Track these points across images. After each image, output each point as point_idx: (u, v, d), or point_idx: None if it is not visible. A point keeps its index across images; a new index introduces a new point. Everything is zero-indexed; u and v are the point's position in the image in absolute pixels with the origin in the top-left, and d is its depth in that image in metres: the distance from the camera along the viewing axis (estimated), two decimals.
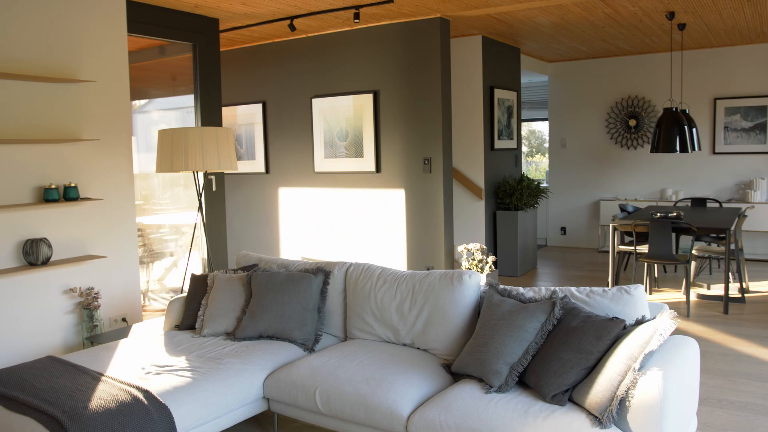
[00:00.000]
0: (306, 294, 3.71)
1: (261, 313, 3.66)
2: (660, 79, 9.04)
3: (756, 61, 8.46)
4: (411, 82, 6.42)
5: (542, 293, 3.17)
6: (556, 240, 10.07)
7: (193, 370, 3.18)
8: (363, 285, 3.70)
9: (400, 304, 3.53)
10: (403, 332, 3.51)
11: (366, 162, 6.75)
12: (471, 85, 7.39)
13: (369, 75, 6.66)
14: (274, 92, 7.37)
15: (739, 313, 5.89)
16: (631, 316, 2.97)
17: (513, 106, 8.12)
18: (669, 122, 6.40)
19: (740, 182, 8.70)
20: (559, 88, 9.78)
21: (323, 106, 6.95)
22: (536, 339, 2.91)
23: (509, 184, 7.72)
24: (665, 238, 5.77)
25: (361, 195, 6.86)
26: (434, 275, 3.50)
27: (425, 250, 6.55)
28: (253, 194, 7.72)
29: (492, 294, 3.22)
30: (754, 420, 3.65)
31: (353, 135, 6.78)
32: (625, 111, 9.29)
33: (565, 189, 9.89)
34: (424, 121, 6.38)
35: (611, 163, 9.51)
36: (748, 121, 8.56)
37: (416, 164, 6.48)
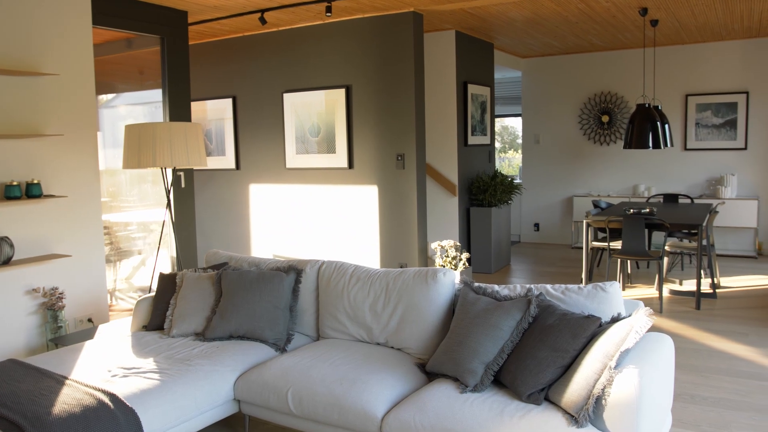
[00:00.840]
0: (277, 293, 3.63)
1: (231, 313, 3.58)
2: (632, 75, 9.10)
3: (726, 57, 8.55)
4: (384, 77, 6.35)
5: (517, 291, 3.13)
6: (530, 236, 10.09)
7: (162, 372, 3.09)
8: (336, 283, 3.63)
9: (373, 302, 3.47)
10: (377, 331, 3.45)
11: (338, 158, 6.67)
12: (444, 81, 7.35)
13: (341, 70, 6.58)
14: (245, 87, 7.25)
15: (710, 309, 5.94)
16: (606, 314, 2.95)
17: (487, 102, 8.10)
18: (642, 118, 6.42)
19: (711, 178, 8.79)
20: (533, 84, 9.79)
21: (295, 101, 6.85)
22: (512, 337, 2.87)
23: (483, 181, 7.70)
24: (638, 234, 5.79)
25: (334, 191, 6.79)
26: (408, 273, 3.44)
27: (398, 247, 6.49)
28: (224, 191, 7.59)
29: (467, 292, 3.18)
30: (727, 415, 3.66)
31: (325, 130, 6.70)
32: (597, 107, 9.33)
33: (538, 185, 9.91)
34: (397, 116, 6.33)
35: (584, 159, 9.55)
36: (718, 117, 8.65)
37: (389, 160, 6.42)
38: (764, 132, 8.47)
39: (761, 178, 8.55)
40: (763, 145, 8.50)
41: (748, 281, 7.01)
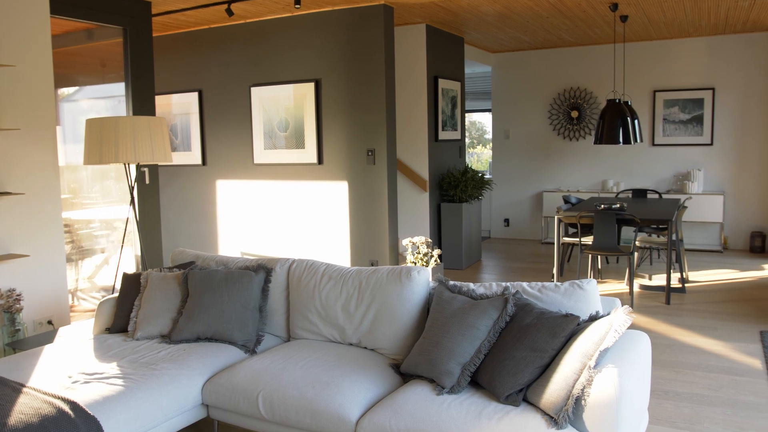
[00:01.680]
0: (246, 293, 3.51)
1: (198, 314, 3.45)
2: (602, 71, 9.13)
3: (693, 54, 8.63)
4: (354, 71, 6.25)
5: (493, 289, 3.07)
6: (500, 232, 10.09)
7: (125, 377, 2.95)
8: (307, 282, 3.53)
9: (346, 302, 3.38)
10: (350, 331, 3.36)
11: (307, 153, 6.55)
12: (415, 75, 7.27)
13: (310, 63, 6.46)
14: (211, 80, 7.09)
15: (680, 303, 5.97)
16: (584, 312, 2.90)
17: (457, 97, 8.05)
18: (612, 114, 6.42)
19: (678, 173, 8.88)
20: (502, 79, 9.77)
21: (262, 95, 6.71)
22: (488, 337, 2.80)
23: (454, 176, 7.65)
24: (609, 229, 5.79)
25: (303, 187, 6.67)
26: (381, 272, 3.36)
27: (369, 244, 6.41)
28: (190, 187, 7.41)
29: (442, 291, 3.10)
30: (701, 411, 3.65)
31: (294, 125, 6.57)
32: (567, 102, 9.35)
33: (508, 180, 9.91)
34: (367, 111, 6.23)
35: (554, 154, 9.57)
36: (685, 113, 8.73)
37: (359, 156, 6.33)
38: (730, 128, 8.57)
39: (726, 173, 8.66)
40: (728, 140, 8.60)
41: (715, 275, 7.08)
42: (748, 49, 8.37)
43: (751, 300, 6.05)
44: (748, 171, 8.56)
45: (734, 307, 5.79)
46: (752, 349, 4.70)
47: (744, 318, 5.46)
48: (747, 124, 8.49)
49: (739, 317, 5.49)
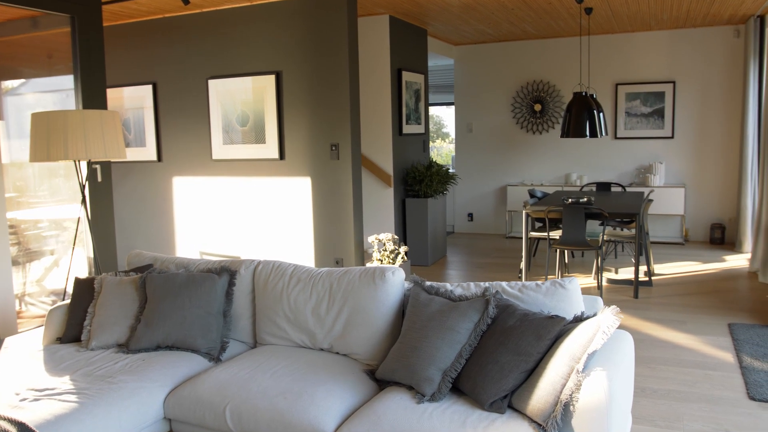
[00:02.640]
0: (209, 297, 3.31)
1: (158, 321, 3.23)
2: (565, 64, 9.11)
3: (655, 47, 8.66)
4: (316, 63, 6.05)
5: (472, 290, 2.94)
6: (464, 226, 10.01)
7: (80, 392, 2.73)
8: (274, 285, 3.34)
9: (316, 305, 3.20)
10: (321, 336, 3.18)
11: (268, 148, 6.33)
12: (378, 67, 7.10)
13: (270, 55, 6.23)
14: (166, 73, 6.79)
15: (647, 297, 5.95)
16: (566, 311, 2.79)
17: (421, 90, 7.91)
18: (579, 107, 6.37)
19: (640, 166, 8.91)
20: (465, 72, 9.68)
21: (220, 88, 6.45)
22: (469, 341, 2.66)
23: (418, 171, 7.52)
24: (578, 224, 5.73)
25: (264, 184, 6.45)
26: (353, 273, 3.19)
27: (334, 242, 6.23)
28: (145, 185, 7.11)
29: (418, 292, 2.95)
30: (678, 408, 3.59)
31: (254, 119, 6.34)
32: (530, 96, 9.30)
33: (471, 174, 9.82)
34: (330, 104, 6.04)
35: (517, 148, 9.52)
36: (647, 106, 8.76)
37: (323, 150, 6.14)
38: (690, 121, 8.64)
39: (687, 166, 8.72)
40: (688, 134, 8.67)
41: (679, 268, 7.10)
42: (707, 42, 8.44)
43: (716, 292, 6.07)
44: (708, 164, 8.64)
45: (701, 300, 5.79)
46: (722, 342, 4.68)
47: (711, 311, 5.46)
48: (706, 117, 8.57)
49: (706, 310, 5.48)
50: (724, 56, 8.39)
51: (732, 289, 6.18)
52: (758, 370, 4.10)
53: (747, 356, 4.35)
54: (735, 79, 8.38)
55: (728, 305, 5.62)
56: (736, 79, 8.37)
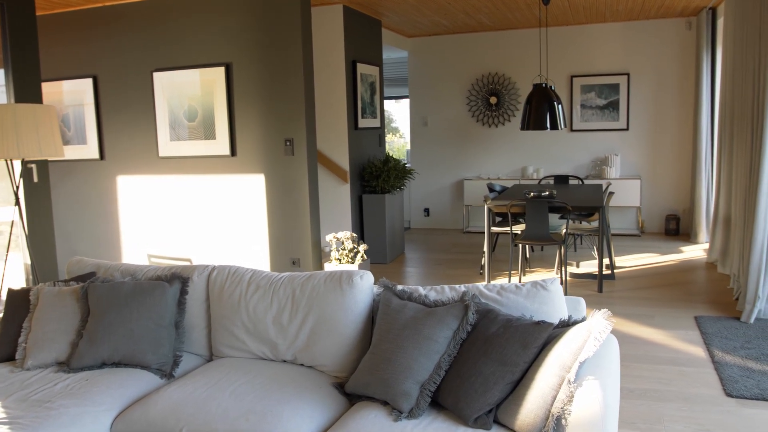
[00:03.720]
0: (159, 307, 3.02)
1: (103, 335, 2.93)
2: (520, 56, 9.01)
3: (610, 39, 8.63)
4: (268, 54, 5.76)
5: (447, 294, 2.73)
6: (420, 222, 9.84)
7: (12, 422, 2.42)
8: (231, 292, 3.07)
9: (277, 313, 2.95)
10: (283, 347, 2.93)
11: (219, 144, 6.02)
12: (332, 59, 6.85)
13: (219, 45, 5.91)
14: (108, 65, 6.39)
15: (611, 291, 5.88)
16: (550, 315, 2.61)
17: (376, 82, 7.69)
18: (539, 99, 6.24)
19: (596, 159, 8.88)
20: (420, 65, 9.49)
21: (166, 82, 6.10)
22: (449, 350, 2.46)
23: (375, 166, 7.30)
24: (542, 218, 5.60)
25: (215, 182, 6.13)
26: (318, 278, 2.95)
27: (290, 242, 5.96)
28: (87, 185, 6.69)
29: (389, 298, 2.73)
30: (657, 408, 3.47)
31: (203, 114, 6.02)
32: (486, 88, 9.18)
33: (427, 169, 9.66)
34: (284, 97, 5.76)
35: (473, 141, 9.39)
36: (602, 98, 8.74)
37: (277, 146, 5.86)
38: (644, 113, 8.65)
39: (642, 158, 8.74)
40: (642, 126, 8.68)
41: (638, 260, 7.08)
42: (660, 34, 8.45)
43: (678, 284, 6.03)
44: (662, 155, 8.66)
45: (664, 293, 5.74)
46: (692, 336, 4.61)
47: (677, 304, 5.41)
48: (660, 109, 8.59)
49: (671, 303, 5.43)
50: (677, 48, 8.42)
51: (693, 280, 6.16)
52: (731, 364, 4.02)
53: (718, 350, 4.28)
54: (687, 71, 8.41)
55: (692, 297, 5.57)
56: (689, 71, 8.40)
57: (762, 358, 4.11)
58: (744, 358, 4.12)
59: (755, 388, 3.66)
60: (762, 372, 3.88)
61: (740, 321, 4.86)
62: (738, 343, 4.41)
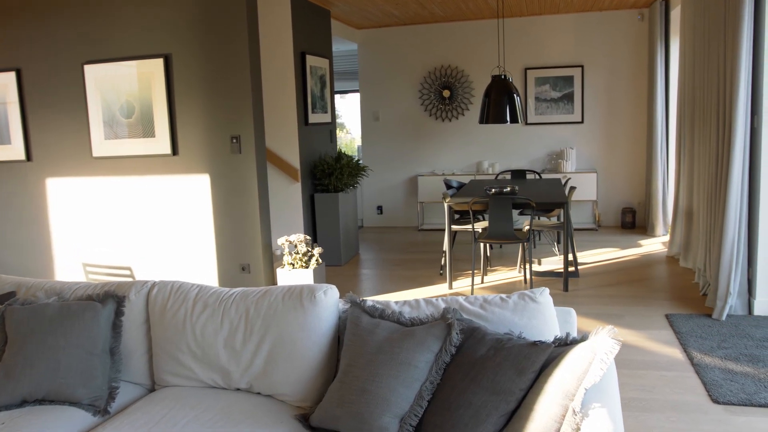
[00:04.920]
0: (91, 332, 2.61)
1: (23, 368, 2.51)
2: (474, 48, 8.76)
3: (563, 31, 8.46)
4: (211, 44, 5.33)
5: (423, 309, 2.41)
6: (373, 220, 9.51)
7: None
8: (174, 312, 2.68)
9: (229, 335, 2.58)
10: (237, 374, 2.57)
11: (159, 143, 5.56)
12: (280, 51, 6.45)
13: (157, 35, 5.44)
14: (33, 57, 5.83)
15: (576, 289, 5.67)
16: (541, 330, 2.32)
17: (326, 75, 7.32)
18: (499, 91, 5.99)
19: (552, 152, 8.72)
20: (370, 57, 9.15)
21: (99, 75, 5.60)
22: (431, 377, 2.14)
23: (327, 163, 6.93)
24: (506, 215, 5.35)
25: (155, 183, 5.66)
26: (275, 294, 2.59)
27: (239, 246, 5.55)
28: (12, 189, 6.11)
29: (358, 315, 2.40)
30: (645, 420, 3.24)
31: (141, 110, 5.55)
32: (438, 81, 8.90)
33: (379, 165, 9.34)
34: (229, 91, 5.35)
35: (426, 136, 9.11)
36: (556, 91, 8.57)
37: (222, 144, 5.44)
38: (598, 106, 8.52)
39: (597, 151, 8.62)
40: (597, 118, 8.55)
41: (599, 255, 6.92)
42: (613, 26, 8.33)
43: (643, 280, 5.88)
44: (617, 148, 8.56)
45: (630, 290, 5.57)
46: (666, 336, 4.42)
47: (645, 301, 5.23)
48: (614, 101, 8.48)
49: (639, 300, 5.25)
50: (630, 40, 8.32)
51: (657, 275, 6.02)
52: (711, 366, 3.84)
53: (695, 351, 4.09)
54: (640, 63, 8.32)
55: (659, 294, 5.42)
56: (642, 63, 8.31)
57: (741, 359, 3.94)
58: (723, 359, 3.94)
59: (741, 392, 3.47)
60: (744, 374, 3.70)
61: (712, 318, 4.71)
62: (714, 342, 4.24)
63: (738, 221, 4.69)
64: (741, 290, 4.79)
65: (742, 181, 4.68)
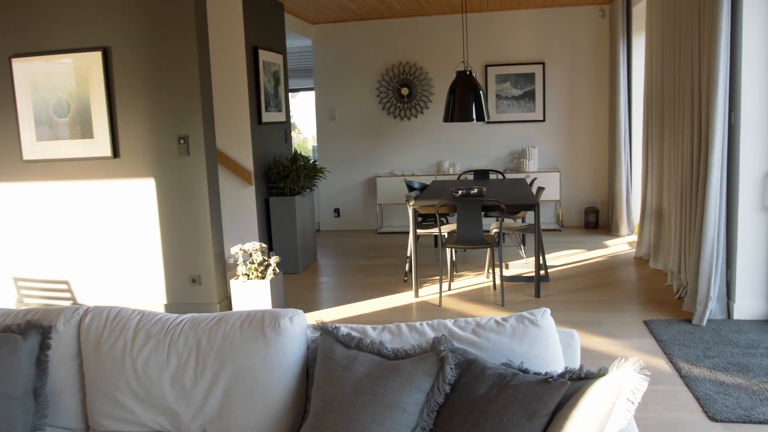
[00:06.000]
0: (9, 371, 2.18)
1: None
2: (433, 44, 8.47)
3: (524, 27, 8.24)
4: (155, 36, 4.89)
5: (407, 337, 2.07)
6: (330, 223, 9.14)
7: None
8: (111, 344, 2.27)
9: (177, 371, 2.19)
10: (187, 417, 2.17)
11: (98, 144, 5.09)
12: (231, 45, 6.02)
13: (94, 25, 4.97)
14: None
15: (548, 295, 5.42)
16: (543, 359, 2.00)
17: (280, 72, 6.91)
18: (464, 88, 5.69)
19: (513, 152, 8.49)
20: (325, 54, 8.77)
21: (29, 70, 5.09)
22: (421, 421, 1.80)
23: (283, 165, 6.53)
24: (475, 219, 5.05)
25: (95, 189, 5.19)
26: (231, 322, 2.21)
27: (188, 256, 5.12)
28: None
29: (330, 346, 2.04)
30: None
31: (77, 108, 5.06)
32: (397, 79, 8.58)
33: (336, 166, 8.96)
34: (176, 87, 4.91)
35: (385, 135, 8.78)
36: (518, 88, 8.35)
37: (169, 145, 5.01)
38: (560, 104, 8.33)
39: (560, 149, 8.43)
40: (559, 117, 8.36)
41: (566, 257, 6.70)
42: (575, 23, 8.15)
43: (615, 283, 5.67)
44: (579, 146, 8.39)
45: (603, 294, 5.34)
46: (647, 345, 4.19)
47: (619, 306, 5.01)
48: (575, 99, 8.30)
49: (614, 306, 5.02)
50: (591, 37, 8.15)
51: (628, 278, 5.82)
52: (701, 379, 3.60)
53: (682, 361, 3.86)
54: (602, 60, 8.16)
55: (633, 298, 5.20)
56: (603, 60, 8.15)
57: (730, 369, 3.72)
58: (712, 370, 3.72)
59: (737, 407, 3.24)
60: (737, 386, 3.48)
61: (692, 324, 4.50)
62: (699, 351, 4.02)
63: (717, 222, 4.49)
64: (720, 294, 4.60)
65: (721, 181, 4.48)
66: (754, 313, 4.56)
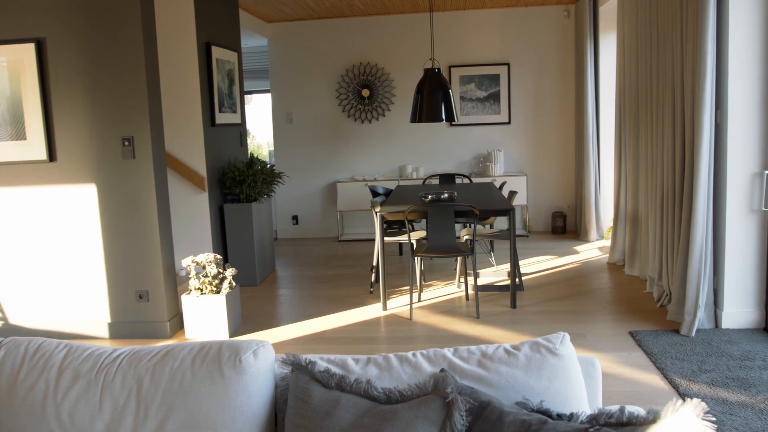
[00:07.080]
0: None
1: None
2: (395, 44, 8.13)
3: (488, 27, 7.98)
4: (96, 27, 4.42)
5: (398, 371, 1.70)
6: (288, 231, 8.70)
7: None
8: (30, 386, 1.83)
9: (113, 421, 1.76)
10: None
11: (31, 146, 4.58)
12: (181, 41, 5.57)
13: (27, 14, 4.47)
14: None
15: (524, 305, 5.11)
16: (566, 397, 1.65)
17: (234, 71, 6.47)
18: (432, 86, 5.36)
19: (479, 155, 8.21)
20: (282, 54, 8.35)
21: None
22: None
23: (238, 170, 6.08)
24: (447, 225, 4.71)
25: (28, 196, 4.67)
26: (180, 356, 1.79)
27: (134, 270, 4.65)
28: None
29: (305, 387, 1.64)
30: None
31: (8, 107, 4.55)
32: (357, 80, 8.22)
33: (294, 171, 8.54)
34: (120, 84, 4.45)
35: (345, 139, 8.40)
36: (482, 90, 8.07)
37: (111, 147, 4.53)
38: (526, 106, 8.09)
39: (526, 153, 8.18)
40: (525, 119, 8.12)
41: (537, 264, 6.42)
42: (540, 23, 7.92)
43: (592, 291, 5.40)
44: (545, 150, 8.16)
45: (582, 303, 5.06)
46: (638, 359, 3.90)
47: (601, 316, 4.73)
48: (541, 101, 8.07)
49: (596, 316, 4.74)
50: (556, 37, 7.94)
51: (604, 286, 5.56)
52: (701, 396, 3.32)
53: (677, 377, 3.58)
54: (567, 61, 7.95)
55: (614, 307, 4.93)
56: (569, 61, 7.94)
57: (730, 384, 3.45)
58: (711, 386, 3.44)
59: (747, 429, 2.95)
60: (741, 405, 3.20)
61: (681, 335, 4.24)
62: (693, 364, 3.75)
63: (705, 228, 4.25)
64: (707, 302, 4.35)
65: (709, 184, 4.24)
66: (742, 322, 4.33)
